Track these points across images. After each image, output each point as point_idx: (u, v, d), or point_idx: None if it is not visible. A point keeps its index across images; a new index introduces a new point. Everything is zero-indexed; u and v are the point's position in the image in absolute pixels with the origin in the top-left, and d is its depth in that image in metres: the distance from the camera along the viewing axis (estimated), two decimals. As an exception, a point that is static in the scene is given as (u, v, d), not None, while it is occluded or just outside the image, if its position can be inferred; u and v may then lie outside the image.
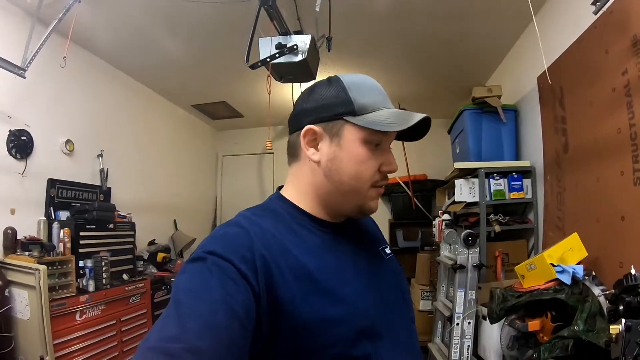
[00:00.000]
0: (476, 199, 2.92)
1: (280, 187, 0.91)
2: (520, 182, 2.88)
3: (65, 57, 2.37)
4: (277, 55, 2.18)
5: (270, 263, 0.68)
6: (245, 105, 4.96)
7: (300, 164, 0.85)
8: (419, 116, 0.76)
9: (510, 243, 2.96)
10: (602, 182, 2.01)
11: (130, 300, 3.15)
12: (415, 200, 4.98)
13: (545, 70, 2.30)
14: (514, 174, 2.89)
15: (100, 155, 3.49)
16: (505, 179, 2.90)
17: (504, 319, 2.02)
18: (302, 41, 2.22)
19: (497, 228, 2.85)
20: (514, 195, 2.88)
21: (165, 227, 4.56)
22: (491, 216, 2.92)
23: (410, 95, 4.45)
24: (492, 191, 2.90)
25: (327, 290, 0.72)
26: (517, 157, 3.12)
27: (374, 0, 2.72)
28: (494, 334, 2.26)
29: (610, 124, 1.93)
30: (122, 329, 3.01)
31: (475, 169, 2.93)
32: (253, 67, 2.16)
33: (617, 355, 1.07)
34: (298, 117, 0.83)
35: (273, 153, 5.82)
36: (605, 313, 1.63)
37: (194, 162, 5.39)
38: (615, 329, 1.06)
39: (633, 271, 1.20)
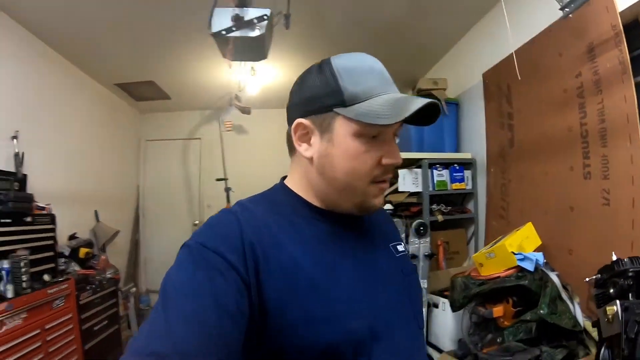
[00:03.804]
0: (419, 189, 3.01)
1: (284, 177, 0.86)
2: (462, 174, 3.03)
3: None
4: (234, 28, 2.01)
5: (259, 254, 0.65)
6: (174, 86, 4.60)
7: (297, 157, 0.81)
8: (418, 103, 0.65)
9: (450, 232, 3.12)
10: (551, 175, 2.18)
11: (54, 305, 2.73)
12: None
13: (494, 65, 2.43)
14: (456, 165, 3.04)
15: (15, 137, 2.95)
16: (448, 170, 3.03)
17: (465, 307, 2.12)
18: (261, 15, 2.08)
19: (440, 218, 2.97)
20: (456, 185, 3.03)
21: (86, 219, 4.05)
22: (434, 206, 3.03)
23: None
24: (435, 182, 3.01)
25: (318, 288, 0.68)
26: (457, 148, 3.28)
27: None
28: (447, 321, 2.36)
29: (561, 122, 2.09)
30: (47, 339, 2.59)
31: (419, 160, 3.02)
32: (216, 35, 1.97)
33: (610, 335, 1.16)
34: (290, 110, 0.79)
35: (200, 139, 5.50)
36: (564, 297, 1.79)
37: (116, 147, 4.86)
38: (611, 309, 1.15)
39: (614, 257, 1.31)
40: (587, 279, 1.37)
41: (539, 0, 2.02)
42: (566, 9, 1.76)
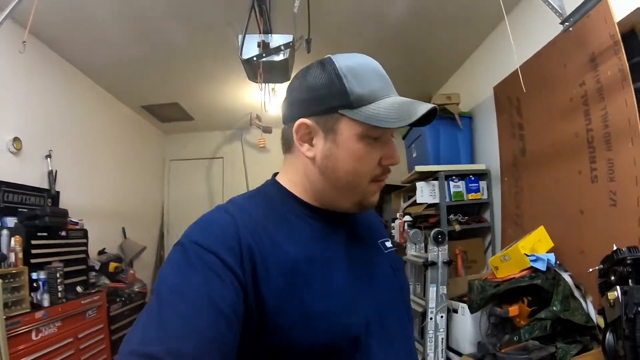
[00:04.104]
0: (437, 200, 3.11)
1: (276, 174, 0.86)
2: (477, 184, 3.13)
3: (24, 41, 2.16)
4: (264, 55, 2.20)
5: (256, 255, 0.65)
6: (197, 107, 4.86)
7: (294, 157, 0.80)
8: (424, 109, 0.68)
9: (468, 241, 3.19)
10: (561, 181, 2.27)
11: (87, 315, 2.92)
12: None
13: (504, 79, 2.55)
14: (471, 176, 3.13)
15: (49, 156, 3.20)
16: (463, 181, 3.12)
17: (482, 308, 2.19)
18: (286, 41, 2.27)
19: (458, 227, 3.06)
20: (472, 196, 3.12)
21: (114, 235, 4.30)
22: (451, 216, 3.12)
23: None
24: (451, 193, 3.11)
25: (315, 285, 0.68)
26: (473, 160, 3.38)
27: (337, 3, 2.81)
28: (467, 326, 2.43)
29: (568, 130, 2.19)
30: (80, 347, 2.77)
31: (436, 172, 3.13)
32: (248, 62, 2.16)
33: (614, 318, 1.24)
34: (290, 108, 0.77)
35: (222, 158, 5.73)
36: (576, 295, 1.87)
37: (142, 167, 5.15)
38: (612, 295, 1.24)
39: (614, 247, 1.40)
40: (591, 270, 1.45)
41: (543, 14, 2.13)
42: (566, 23, 1.90)
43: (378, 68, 0.75)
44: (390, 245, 0.91)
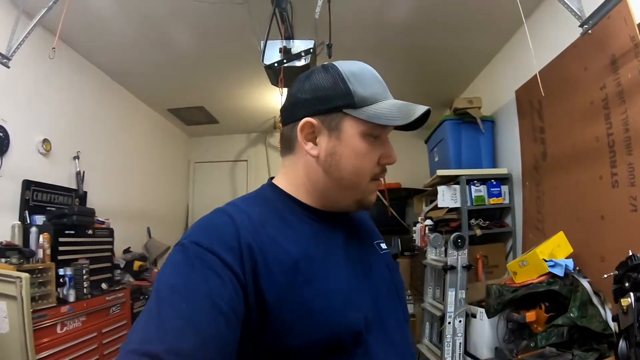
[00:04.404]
0: (458, 205, 3.10)
1: (272, 178, 0.88)
2: (499, 188, 3.09)
3: (54, 48, 2.28)
4: (285, 60, 2.25)
5: (256, 254, 0.65)
6: (222, 111, 4.98)
7: (296, 157, 0.81)
8: (421, 109, 0.74)
9: (489, 246, 3.16)
10: (582, 185, 2.23)
11: (111, 311, 3.04)
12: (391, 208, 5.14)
13: (525, 83, 2.53)
14: (492, 180, 3.10)
15: (77, 157, 3.35)
16: (485, 186, 3.10)
17: (500, 313, 2.18)
18: (308, 47, 2.31)
19: (479, 232, 3.03)
20: (494, 200, 3.09)
21: (139, 235, 4.45)
22: (472, 221, 3.10)
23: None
24: (473, 197, 3.08)
25: (315, 283, 0.69)
26: (494, 164, 3.34)
27: (359, 9, 2.85)
28: (485, 331, 2.40)
29: (589, 134, 2.15)
30: (104, 342, 2.89)
31: (457, 176, 3.12)
32: (270, 67, 2.21)
33: (626, 326, 1.23)
34: (293, 108, 0.80)
35: (246, 161, 5.84)
36: (595, 302, 1.83)
37: (167, 168, 5.31)
38: (625, 301, 1.22)
39: (630, 252, 1.38)
40: (606, 276, 1.44)
41: (563, 17, 2.11)
42: (585, 26, 1.88)
43: (376, 74, 0.79)
44: (385, 247, 0.94)
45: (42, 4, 2.26)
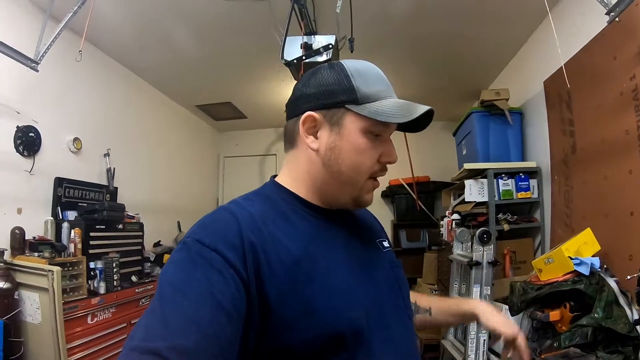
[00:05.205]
0: (485, 199, 3.03)
1: (275, 176, 0.89)
2: (527, 182, 3.00)
3: (80, 50, 2.37)
4: (304, 57, 2.25)
5: (259, 251, 0.66)
6: (250, 106, 5.05)
7: (298, 150, 0.83)
8: (423, 108, 0.75)
9: (517, 241, 3.08)
10: (611, 180, 2.14)
11: (140, 303, 3.15)
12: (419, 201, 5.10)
13: (552, 74, 2.44)
14: (521, 174, 3.02)
15: (107, 155, 3.49)
16: (513, 179, 3.01)
17: (523, 311, 2.13)
18: (329, 42, 2.30)
19: (506, 227, 2.96)
20: (522, 195, 3.01)
21: (170, 228, 4.59)
22: (500, 215, 3.03)
23: (413, 98, 4.55)
24: (500, 191, 3.01)
25: (317, 281, 0.69)
26: (523, 157, 3.25)
27: (383, 2, 2.82)
28: (509, 328, 2.36)
29: (618, 126, 2.06)
30: None
31: (484, 170, 3.04)
32: (289, 64, 2.22)
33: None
34: (297, 102, 0.81)
35: (275, 155, 5.92)
36: (621, 303, 1.77)
37: (197, 163, 5.44)
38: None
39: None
40: (629, 277, 1.38)
41: (590, 5, 2.03)
42: (612, 13, 1.80)
43: (381, 73, 0.81)
44: (388, 245, 0.94)
45: (68, 8, 2.36)
